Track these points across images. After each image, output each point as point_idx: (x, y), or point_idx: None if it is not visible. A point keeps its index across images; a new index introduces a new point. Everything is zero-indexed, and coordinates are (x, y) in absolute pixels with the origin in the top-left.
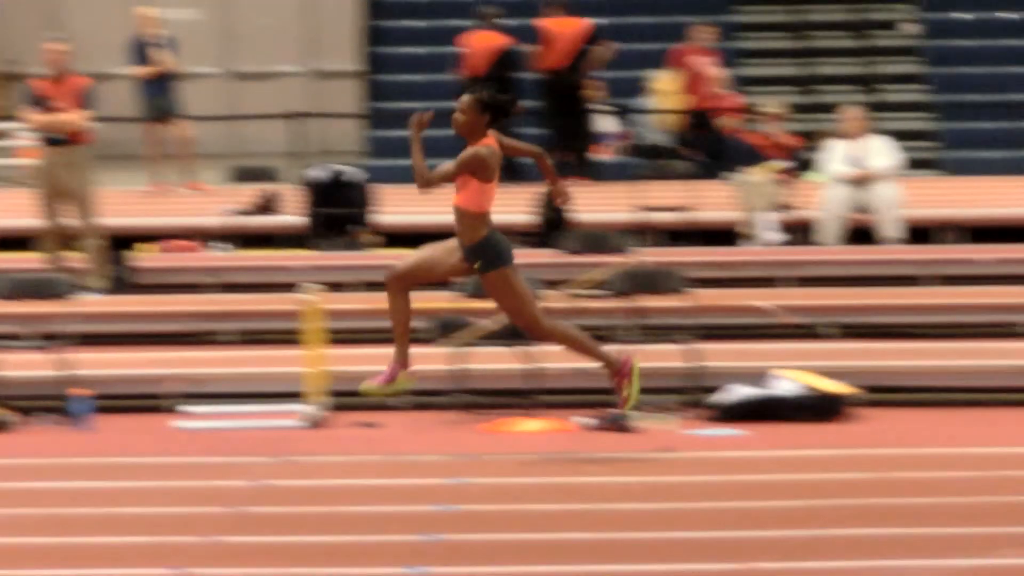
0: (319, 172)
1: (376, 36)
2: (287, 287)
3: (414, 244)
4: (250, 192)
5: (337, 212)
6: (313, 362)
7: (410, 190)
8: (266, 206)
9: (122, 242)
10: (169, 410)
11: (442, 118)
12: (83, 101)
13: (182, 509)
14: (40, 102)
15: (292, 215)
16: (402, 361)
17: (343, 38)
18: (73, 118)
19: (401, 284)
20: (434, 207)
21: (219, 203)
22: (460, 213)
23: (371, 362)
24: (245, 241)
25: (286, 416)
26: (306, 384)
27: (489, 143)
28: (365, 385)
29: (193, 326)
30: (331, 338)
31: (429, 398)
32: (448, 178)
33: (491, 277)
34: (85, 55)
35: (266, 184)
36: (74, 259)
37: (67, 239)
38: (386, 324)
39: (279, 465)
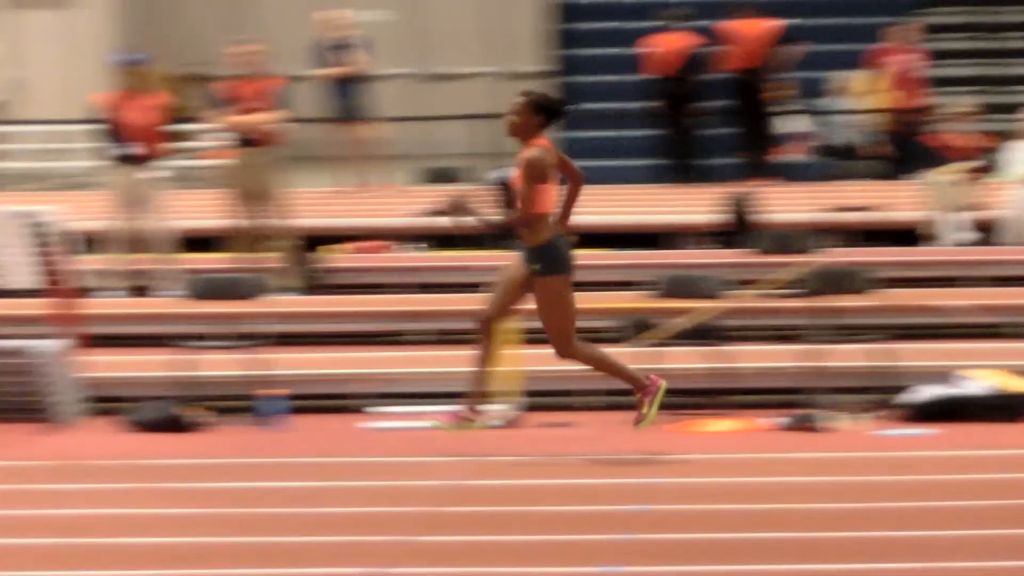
0: (508, 173)
1: (567, 38)
2: (478, 287)
3: (607, 244)
4: (439, 192)
5: None
6: (506, 362)
7: (602, 190)
8: (457, 207)
9: (314, 242)
10: (360, 410)
11: (627, 119)
12: (273, 102)
13: (376, 509)
14: (230, 103)
15: (483, 216)
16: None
17: (530, 39)
18: (263, 119)
19: (493, 322)
20: (627, 207)
21: (409, 204)
22: (524, 217)
23: (552, 361)
24: (436, 241)
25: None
26: (498, 384)
27: (541, 144)
28: (438, 422)
29: (384, 326)
30: (522, 338)
31: (620, 398)
32: (533, 197)
33: (545, 282)
34: (274, 56)
35: (456, 185)
36: (266, 259)
37: (259, 239)
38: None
39: (472, 464)
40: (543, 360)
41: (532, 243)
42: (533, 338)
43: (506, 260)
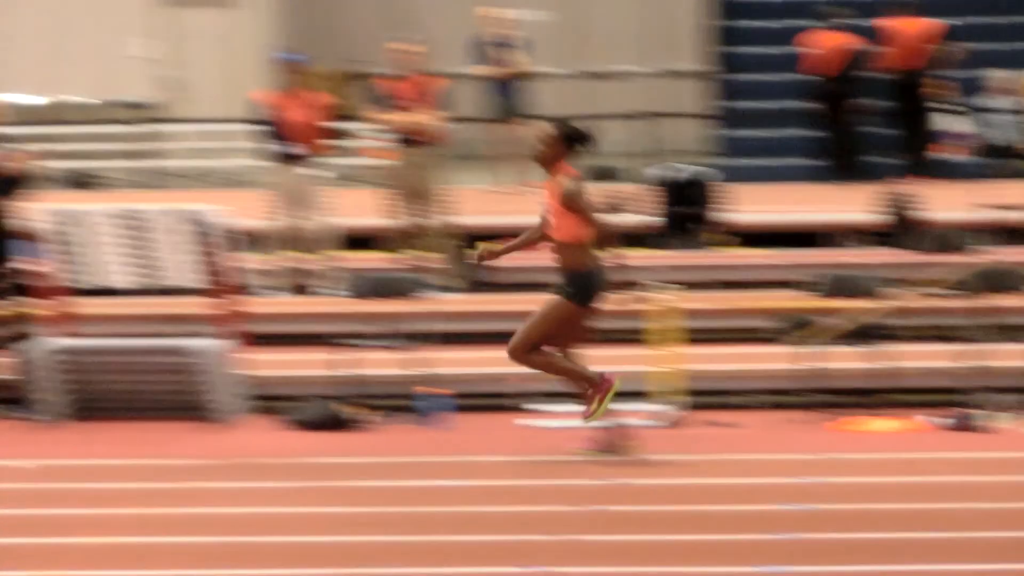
0: (668, 172)
1: (726, 36)
2: (635, 285)
3: (767, 244)
4: (599, 191)
5: (687, 211)
6: (667, 361)
7: (762, 189)
8: (616, 205)
9: (474, 241)
10: (518, 409)
11: (786, 117)
12: (434, 101)
13: (536, 508)
14: (390, 102)
15: (642, 214)
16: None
17: (690, 38)
18: (424, 118)
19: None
20: (787, 206)
21: None
22: (559, 246)
23: (723, 361)
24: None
25: (639, 415)
26: (659, 383)
27: (570, 172)
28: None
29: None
30: (684, 337)
31: (780, 397)
32: (591, 217)
33: (560, 302)
34: (434, 55)
35: (615, 183)
36: (428, 258)
37: (420, 238)
38: (737, 324)
39: (632, 464)
40: (706, 359)
41: (568, 268)
42: (696, 338)
43: (663, 259)
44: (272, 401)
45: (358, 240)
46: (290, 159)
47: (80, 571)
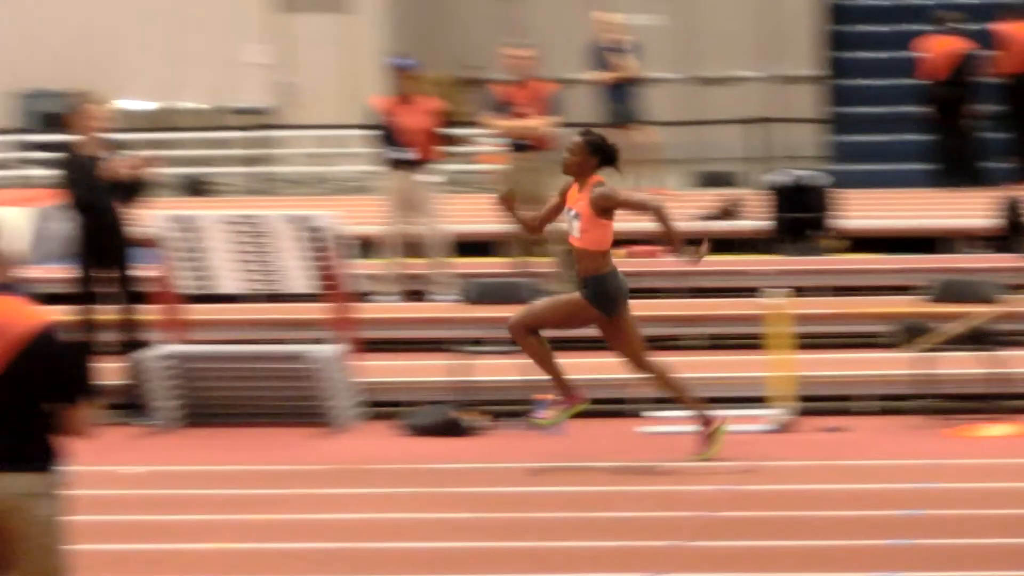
0: (781, 176)
1: (838, 41)
2: (751, 291)
3: (879, 249)
4: (713, 196)
5: (799, 216)
6: (780, 367)
7: (875, 194)
8: (728, 211)
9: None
10: (635, 415)
11: (899, 122)
12: (547, 107)
13: (650, 513)
14: (504, 107)
15: (755, 220)
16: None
17: (803, 43)
18: (537, 123)
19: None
20: (900, 211)
21: (682, 208)
22: (584, 254)
23: (836, 366)
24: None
25: (753, 420)
26: (772, 389)
27: (597, 180)
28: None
29: (657, 331)
30: (797, 342)
31: (894, 402)
32: (644, 203)
33: (581, 302)
34: (547, 60)
35: (728, 189)
36: (541, 264)
37: (534, 244)
38: (850, 329)
39: (747, 469)
40: (819, 365)
41: (588, 273)
42: (808, 343)
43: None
44: (387, 407)
45: (471, 245)
46: (403, 164)
47: None
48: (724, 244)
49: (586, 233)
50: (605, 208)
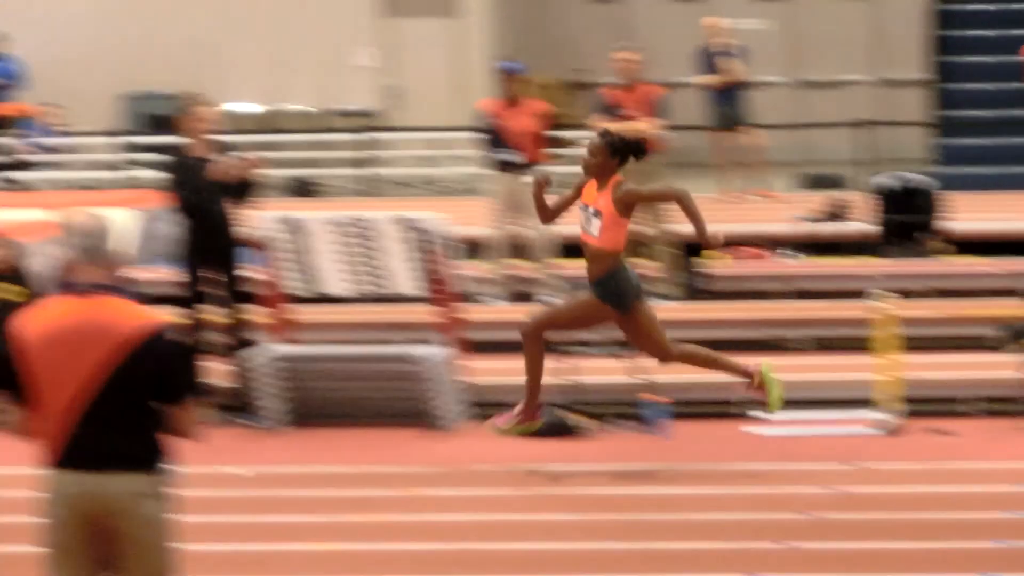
0: (888, 180)
1: (945, 45)
2: (857, 294)
3: (986, 252)
4: (819, 199)
5: (906, 219)
6: (886, 369)
7: (981, 197)
8: (835, 213)
9: (694, 249)
10: (740, 416)
11: (1010, 125)
12: (655, 110)
13: (757, 515)
14: (612, 111)
15: (861, 222)
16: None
17: (910, 46)
18: (645, 127)
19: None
20: (1008, 214)
21: (789, 210)
22: (599, 254)
23: (943, 369)
24: (815, 248)
25: (859, 423)
26: (878, 391)
27: (619, 180)
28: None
29: (764, 333)
30: (903, 345)
31: (1001, 405)
32: (618, 229)
33: (597, 302)
34: (655, 64)
35: (835, 191)
36: (647, 266)
37: (639, 246)
38: (957, 332)
39: (854, 472)
40: (926, 367)
41: (599, 274)
42: (915, 346)
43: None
44: (493, 408)
45: (577, 247)
46: (510, 167)
47: None
48: (831, 247)
49: (606, 232)
50: (630, 205)
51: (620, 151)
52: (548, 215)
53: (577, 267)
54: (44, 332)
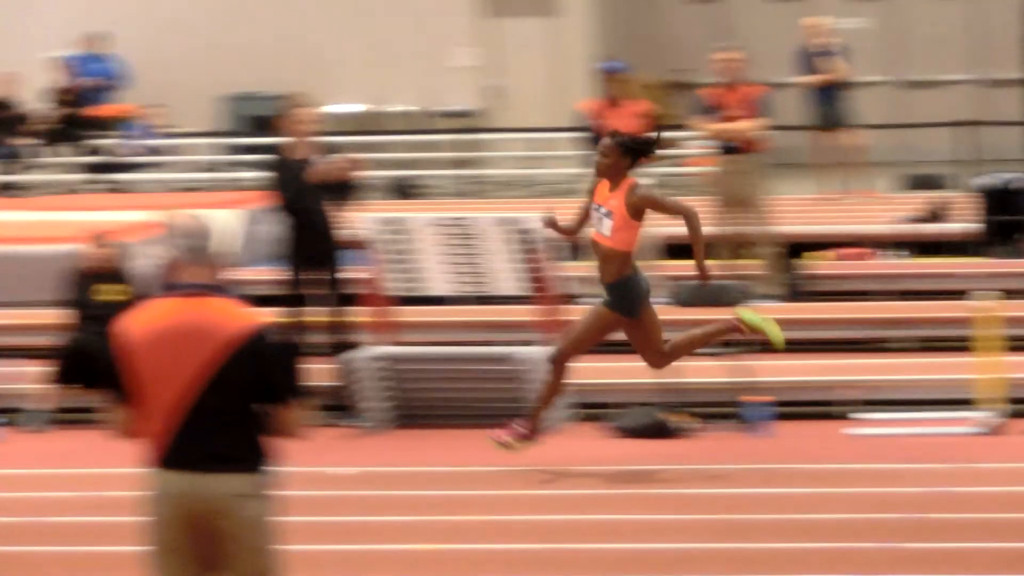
0: (989, 179)
1: None
2: (959, 294)
3: None
4: (921, 199)
5: (1008, 219)
6: (988, 369)
7: None
8: (936, 213)
9: (795, 249)
10: (844, 417)
11: None
12: (756, 109)
13: (859, 515)
14: (712, 111)
15: (963, 222)
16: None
17: (1010, 46)
18: (746, 126)
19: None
20: None
21: (890, 210)
22: (611, 254)
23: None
24: (917, 248)
25: (961, 423)
26: (981, 391)
27: (632, 182)
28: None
29: (866, 333)
30: (1005, 345)
31: None
32: (678, 207)
33: (608, 314)
34: (756, 63)
35: (936, 191)
36: (749, 266)
37: (742, 246)
38: None
39: (956, 471)
40: None
41: (612, 277)
42: (1015, 346)
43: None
44: (596, 408)
45: (680, 248)
46: None
47: None
48: (933, 247)
49: (617, 233)
50: (642, 210)
51: (631, 151)
52: (573, 230)
53: (680, 267)
54: (148, 332)
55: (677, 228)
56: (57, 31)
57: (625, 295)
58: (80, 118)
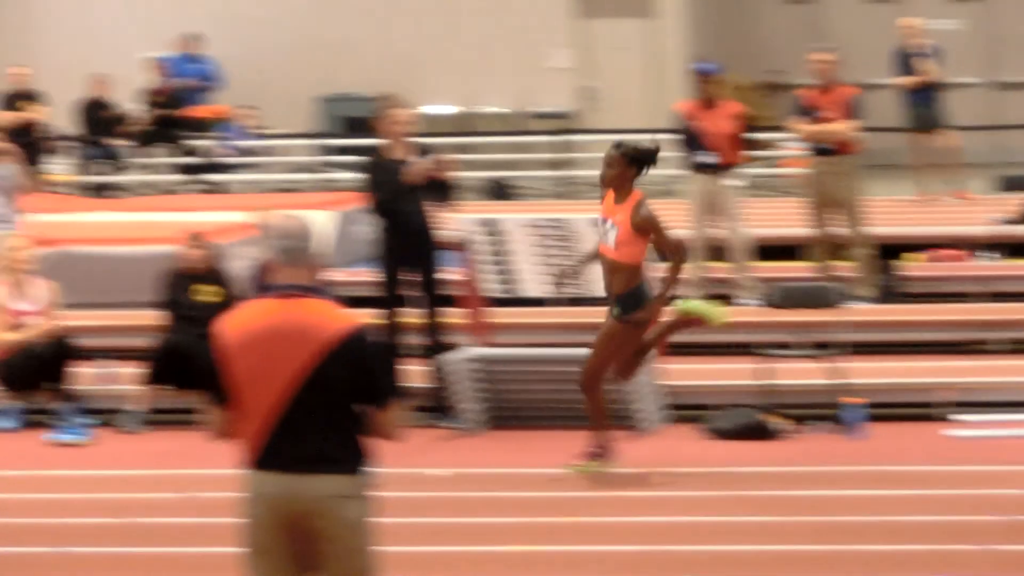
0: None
1: None
2: None
3: None
4: (1014, 201)
5: None
6: None
7: None
8: None
9: (890, 251)
10: (941, 419)
11: None
12: (850, 111)
13: (955, 517)
14: (807, 112)
15: None
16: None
17: None
18: (841, 128)
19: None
20: None
21: (985, 212)
22: (618, 267)
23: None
24: (1012, 250)
25: None
26: None
27: (639, 196)
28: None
29: (962, 335)
30: None
31: None
32: (671, 238)
33: (623, 327)
34: (851, 65)
35: None
36: (843, 268)
37: (836, 248)
38: None
39: None
40: None
41: (620, 290)
42: None
43: None
44: (692, 410)
45: (774, 249)
46: (707, 168)
47: None
48: None
49: (623, 247)
50: (646, 231)
51: (637, 161)
52: (585, 261)
53: (775, 268)
54: (246, 334)
55: (770, 229)
56: (152, 32)
57: (636, 306)
58: (175, 119)
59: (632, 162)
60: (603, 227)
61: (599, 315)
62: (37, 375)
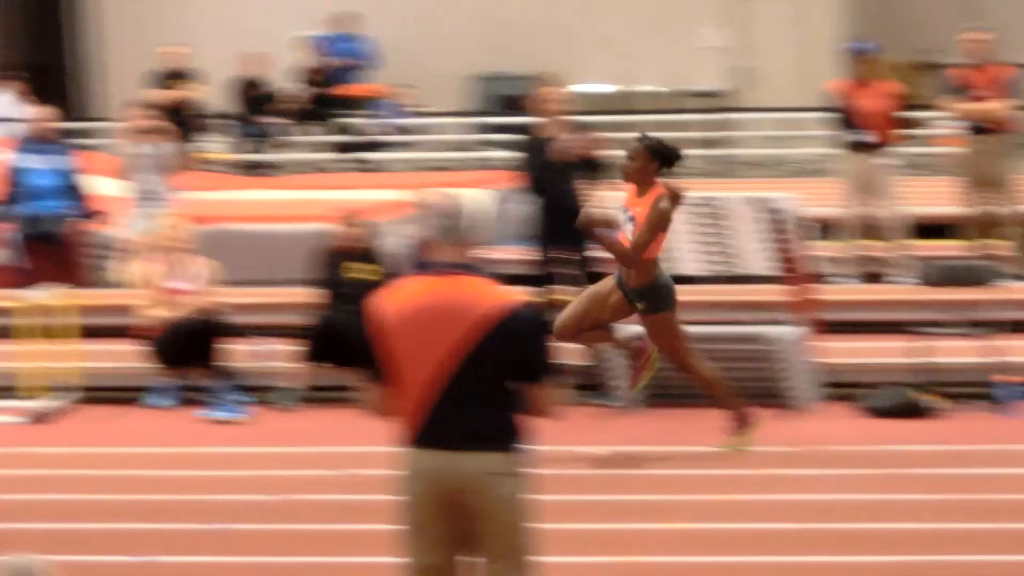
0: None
1: None
2: None
3: None
4: None
5: None
6: None
7: None
8: None
9: None
10: None
11: None
12: (1005, 90)
13: None
14: (962, 91)
15: None
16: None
17: None
18: (996, 107)
19: (568, 336)
20: None
21: None
22: (639, 261)
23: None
24: None
25: None
26: None
27: (661, 191)
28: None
29: None
30: None
31: None
32: (647, 243)
33: (654, 319)
34: (1006, 44)
35: None
36: (997, 247)
37: (991, 227)
38: None
39: None
40: None
41: (637, 284)
42: None
43: None
44: (846, 388)
45: (929, 228)
46: (862, 147)
47: (651, 557)
48: None
49: (637, 238)
50: (662, 225)
51: (659, 156)
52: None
53: (930, 247)
54: (403, 311)
55: (925, 208)
56: (307, 11)
57: (657, 298)
58: (329, 97)
59: (655, 156)
60: (624, 218)
61: (752, 293)
62: (188, 352)
